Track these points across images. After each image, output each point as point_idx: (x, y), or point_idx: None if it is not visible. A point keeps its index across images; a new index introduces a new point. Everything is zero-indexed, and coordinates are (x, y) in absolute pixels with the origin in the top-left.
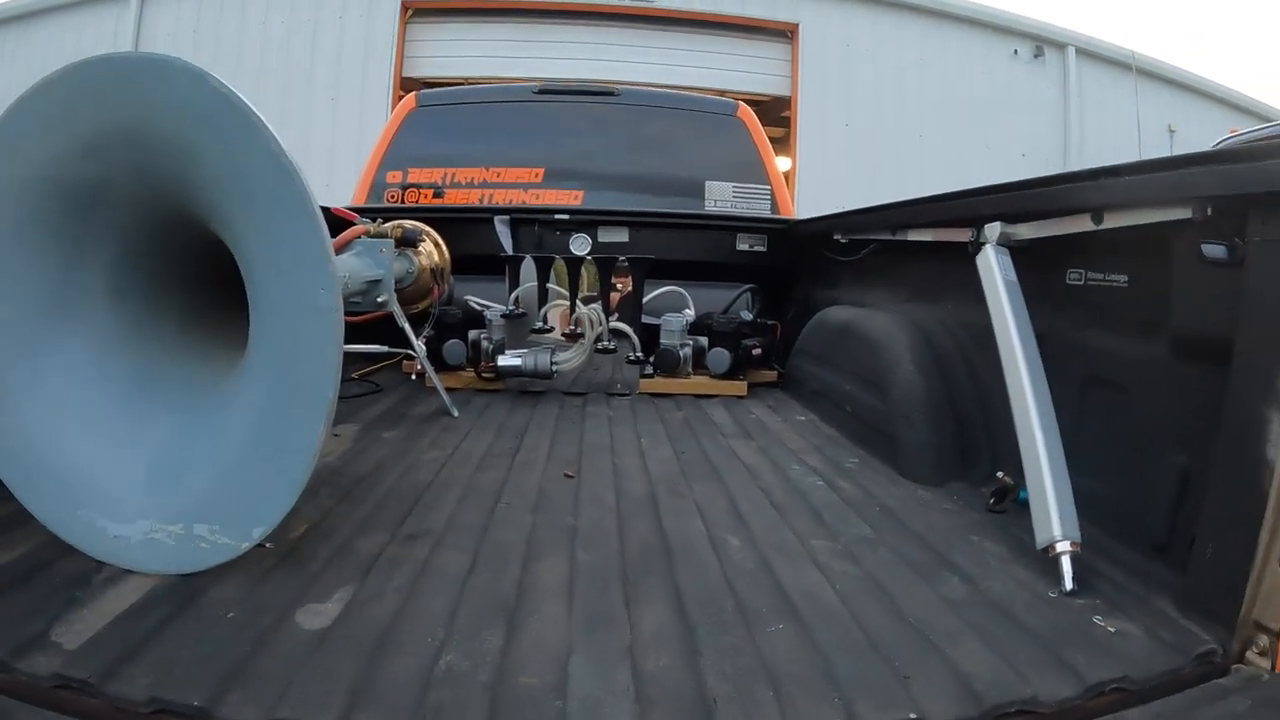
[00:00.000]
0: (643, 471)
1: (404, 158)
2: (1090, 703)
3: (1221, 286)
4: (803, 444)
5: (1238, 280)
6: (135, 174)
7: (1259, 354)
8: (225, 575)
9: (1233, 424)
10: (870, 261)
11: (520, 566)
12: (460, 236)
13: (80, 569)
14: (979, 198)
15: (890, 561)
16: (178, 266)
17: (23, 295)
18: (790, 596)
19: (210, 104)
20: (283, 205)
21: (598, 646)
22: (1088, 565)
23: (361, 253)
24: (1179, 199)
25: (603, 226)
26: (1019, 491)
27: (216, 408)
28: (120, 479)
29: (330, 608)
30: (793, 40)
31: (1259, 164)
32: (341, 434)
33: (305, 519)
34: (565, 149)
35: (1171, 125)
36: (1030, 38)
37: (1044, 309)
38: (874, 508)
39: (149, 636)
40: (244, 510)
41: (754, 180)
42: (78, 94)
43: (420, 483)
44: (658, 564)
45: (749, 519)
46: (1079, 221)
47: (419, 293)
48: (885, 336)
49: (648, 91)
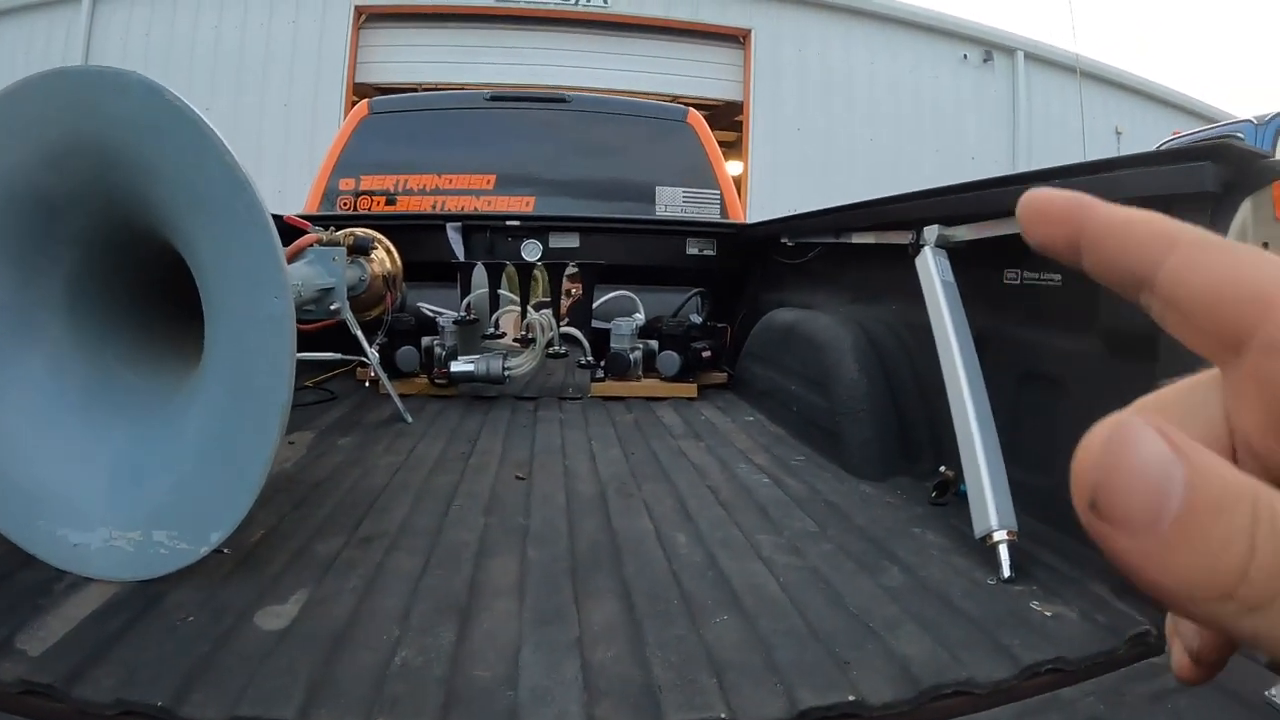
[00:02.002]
0: (593, 473)
1: (356, 164)
2: (1025, 683)
3: None
4: (751, 443)
5: None
6: (92, 186)
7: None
8: (184, 580)
9: None
10: (816, 264)
11: (473, 566)
12: (412, 243)
13: (41, 577)
14: (918, 201)
15: (833, 554)
16: (134, 277)
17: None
18: (735, 589)
19: (165, 117)
20: (236, 216)
21: (548, 640)
22: (1026, 554)
23: (314, 261)
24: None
25: (554, 232)
26: (960, 485)
27: (173, 416)
28: (79, 488)
29: (288, 609)
30: (745, 45)
31: (1183, 166)
32: (296, 441)
33: (262, 524)
34: (517, 155)
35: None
36: (980, 42)
37: (982, 308)
38: (819, 503)
39: (112, 641)
40: (201, 516)
41: (704, 185)
42: (35, 107)
43: (375, 487)
44: (607, 561)
45: (696, 516)
46: (1013, 223)
47: (372, 300)
48: (829, 337)
49: (599, 98)
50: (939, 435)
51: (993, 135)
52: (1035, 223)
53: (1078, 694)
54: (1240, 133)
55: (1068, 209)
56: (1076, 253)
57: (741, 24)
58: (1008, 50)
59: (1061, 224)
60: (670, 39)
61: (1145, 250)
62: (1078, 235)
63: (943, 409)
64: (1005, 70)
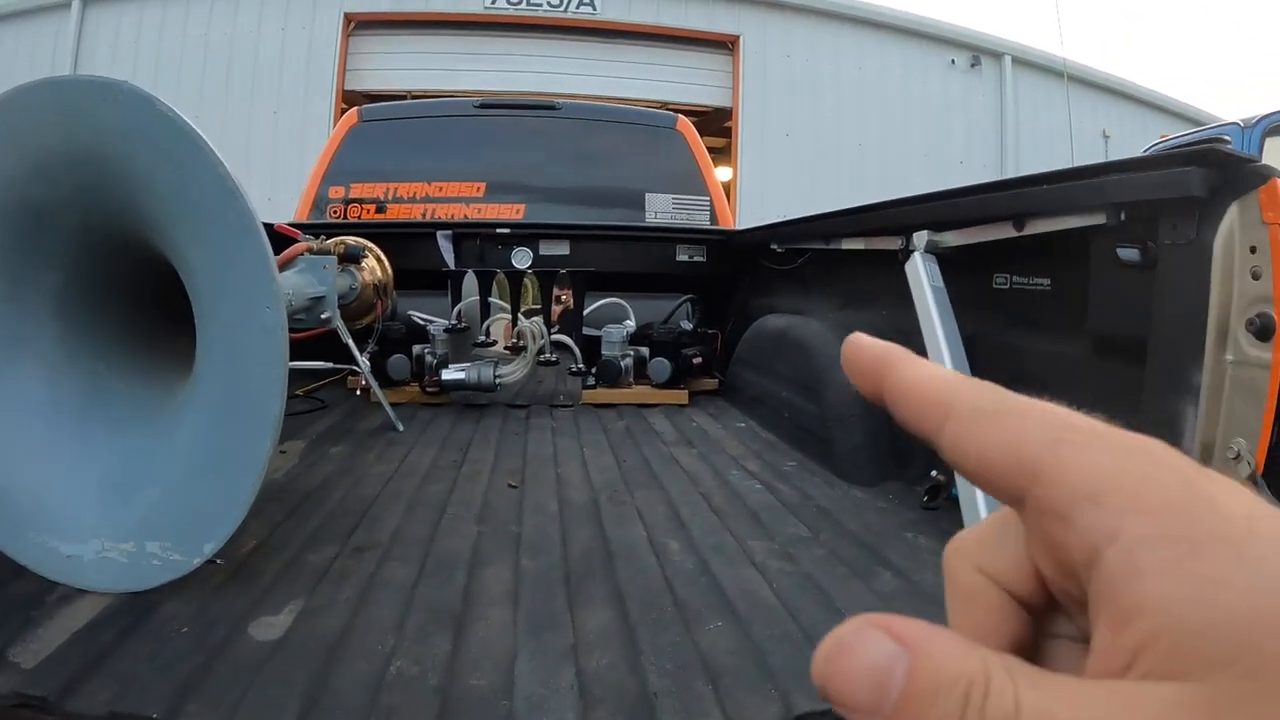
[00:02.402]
0: (585, 480)
1: (346, 172)
2: None
3: (1136, 288)
4: (742, 450)
5: (1151, 282)
6: (83, 195)
7: (1172, 351)
8: (178, 591)
9: (1150, 418)
10: (806, 270)
11: (466, 574)
12: (403, 252)
13: (34, 589)
14: (907, 207)
15: (825, 559)
16: (125, 287)
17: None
18: (728, 595)
19: (157, 127)
20: (227, 226)
21: (542, 648)
22: None
23: (304, 270)
24: (1094, 206)
25: (544, 240)
26: (951, 489)
27: (165, 426)
28: (71, 499)
29: (282, 619)
30: (734, 51)
31: (1169, 171)
32: (288, 450)
33: (254, 535)
34: (507, 163)
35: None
36: (967, 47)
37: (972, 312)
38: (811, 509)
39: (105, 653)
40: (194, 527)
41: (693, 192)
42: (26, 116)
43: (367, 496)
44: (600, 568)
45: (689, 523)
46: (1002, 229)
47: (362, 308)
48: (820, 343)
49: (588, 105)
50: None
51: (980, 139)
52: (849, 371)
53: None
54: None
55: (873, 365)
56: (884, 403)
57: (730, 30)
58: (995, 54)
59: (868, 378)
60: (659, 45)
61: (926, 418)
62: (879, 392)
63: None
64: (993, 74)
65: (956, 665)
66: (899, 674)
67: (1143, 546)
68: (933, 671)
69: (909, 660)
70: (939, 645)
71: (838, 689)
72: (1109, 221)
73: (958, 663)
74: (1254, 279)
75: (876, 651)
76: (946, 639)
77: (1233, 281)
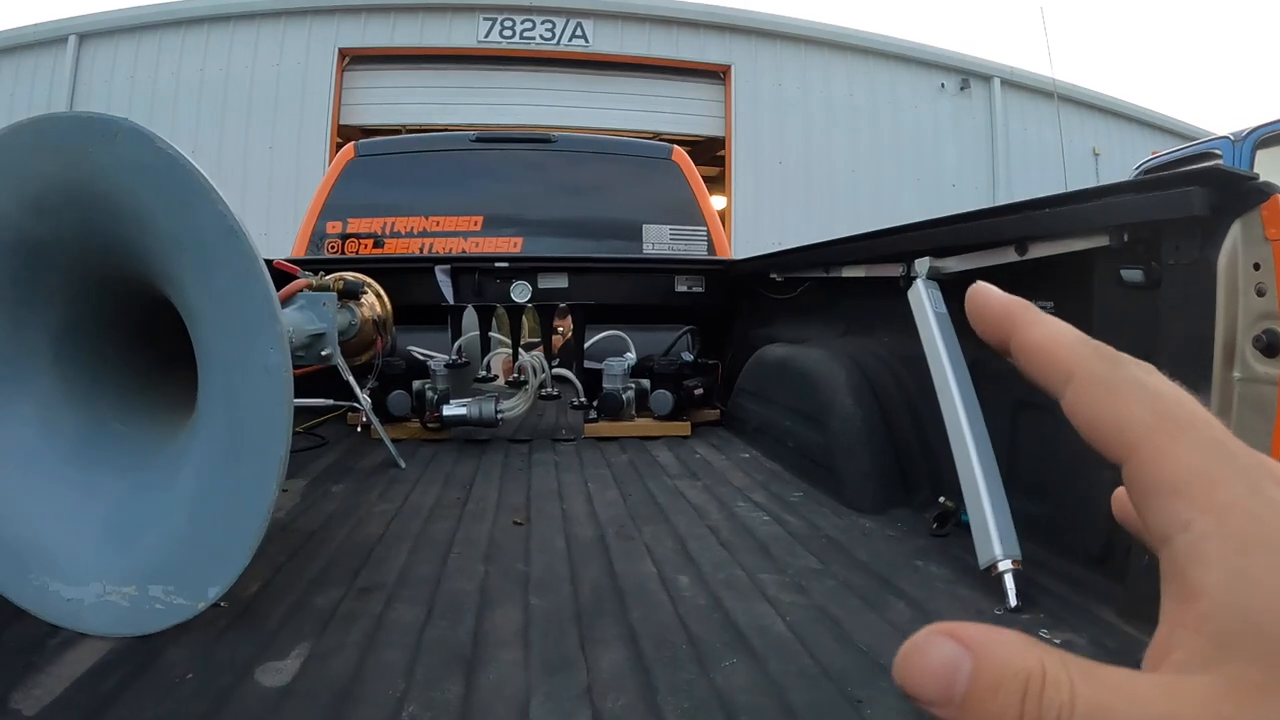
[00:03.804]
0: (591, 516)
1: (343, 207)
2: None
3: (1140, 308)
4: (747, 481)
5: (1155, 302)
6: (82, 233)
7: (1179, 371)
8: (181, 636)
9: None
10: (806, 298)
11: (475, 615)
12: (401, 287)
13: (33, 633)
14: (908, 234)
15: (838, 591)
16: (125, 325)
17: None
18: (742, 631)
19: (157, 164)
20: (229, 265)
21: (557, 690)
22: (1031, 581)
23: (304, 306)
24: (1097, 228)
25: (542, 273)
26: (960, 515)
27: (166, 467)
28: (71, 541)
29: (289, 664)
30: (725, 81)
31: (1171, 192)
32: (289, 488)
33: (258, 576)
34: (503, 196)
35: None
36: (956, 70)
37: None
38: (820, 539)
39: (108, 700)
40: (198, 570)
41: (690, 222)
42: (23, 153)
43: (371, 536)
44: (611, 606)
45: (698, 557)
46: (1004, 253)
47: (362, 344)
48: (822, 371)
49: (584, 137)
50: (936, 466)
51: (972, 162)
52: (975, 318)
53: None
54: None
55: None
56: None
57: (721, 60)
58: (984, 77)
59: (995, 330)
60: (651, 76)
61: (1050, 379)
62: (1006, 345)
63: (938, 439)
64: (982, 97)
65: (1016, 662)
66: (965, 671)
67: (1206, 540)
68: (994, 668)
69: (971, 660)
70: (999, 645)
71: (914, 685)
72: (1112, 243)
73: (1017, 659)
74: (1259, 295)
75: (943, 653)
76: (1008, 639)
77: (1238, 299)
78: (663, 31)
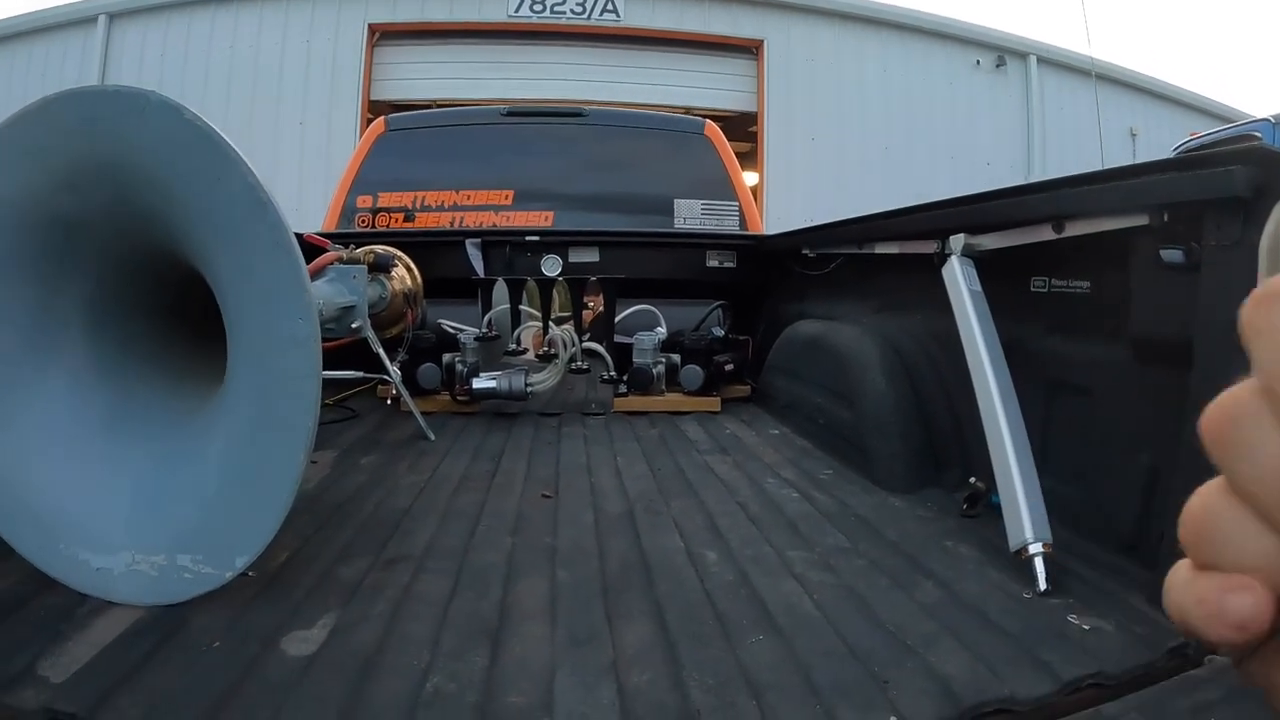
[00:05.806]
0: (620, 490)
1: (374, 182)
2: (1066, 699)
3: (1180, 290)
4: (777, 457)
5: (1195, 284)
6: (112, 206)
7: (1218, 354)
8: (209, 605)
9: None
10: (838, 275)
11: (501, 588)
12: (432, 260)
13: (63, 602)
14: (943, 210)
15: (866, 570)
16: (155, 298)
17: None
18: (769, 608)
19: (185, 137)
20: (258, 237)
21: (582, 664)
22: (1061, 565)
23: (334, 279)
24: (1136, 207)
25: (573, 247)
26: (991, 496)
27: (196, 438)
28: (101, 511)
29: (315, 634)
30: (758, 56)
31: (1213, 171)
32: (319, 460)
33: (286, 546)
34: (534, 170)
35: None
36: (992, 48)
37: (1010, 317)
38: (849, 518)
39: (136, 668)
40: (226, 540)
41: (722, 197)
42: (54, 127)
43: (399, 507)
44: (637, 580)
45: (726, 533)
46: (1040, 231)
47: (392, 317)
48: (854, 349)
49: (615, 112)
50: (967, 446)
51: (1008, 140)
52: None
53: (1120, 709)
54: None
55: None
56: None
57: (754, 34)
58: (1020, 55)
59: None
60: (683, 51)
61: None
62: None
63: (971, 419)
64: (1018, 75)
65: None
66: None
67: None
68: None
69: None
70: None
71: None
72: (1152, 223)
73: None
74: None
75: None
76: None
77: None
78: (694, 5)
